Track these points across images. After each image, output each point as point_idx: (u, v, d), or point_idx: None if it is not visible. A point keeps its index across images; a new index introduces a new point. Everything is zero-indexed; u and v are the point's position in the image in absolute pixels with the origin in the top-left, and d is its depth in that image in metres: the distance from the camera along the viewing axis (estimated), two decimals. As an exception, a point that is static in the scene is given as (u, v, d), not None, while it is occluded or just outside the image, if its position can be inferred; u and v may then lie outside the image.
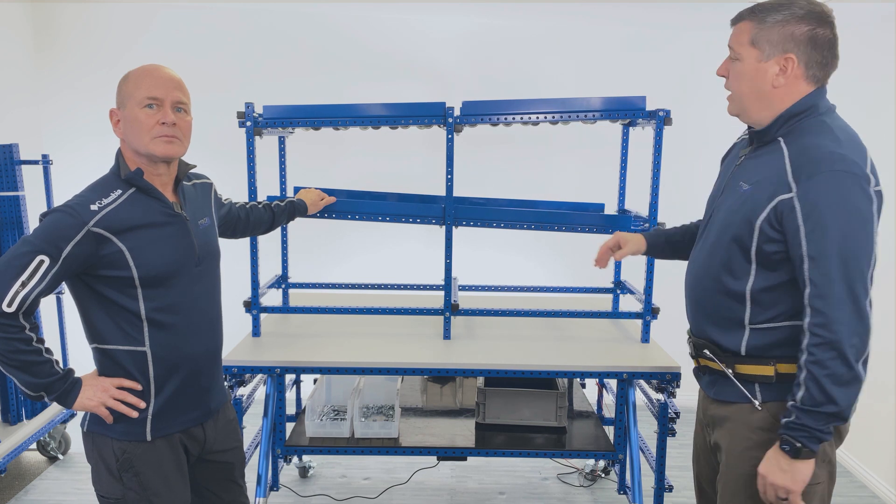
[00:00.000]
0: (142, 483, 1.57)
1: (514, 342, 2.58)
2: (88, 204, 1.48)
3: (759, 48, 1.48)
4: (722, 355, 1.60)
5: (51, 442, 3.29)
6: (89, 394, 1.51)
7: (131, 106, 1.53)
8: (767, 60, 1.48)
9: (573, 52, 3.84)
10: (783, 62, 1.47)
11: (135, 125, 1.52)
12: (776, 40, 1.47)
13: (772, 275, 1.50)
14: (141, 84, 1.53)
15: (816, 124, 1.48)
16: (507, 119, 2.41)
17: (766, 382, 1.54)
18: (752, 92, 1.52)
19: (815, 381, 1.39)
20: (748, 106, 1.54)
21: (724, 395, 1.62)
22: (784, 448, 1.43)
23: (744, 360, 1.56)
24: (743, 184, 1.54)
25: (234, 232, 2.08)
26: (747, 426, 1.56)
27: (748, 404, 1.56)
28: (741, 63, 1.51)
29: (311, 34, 3.78)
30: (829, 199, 1.38)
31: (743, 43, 1.50)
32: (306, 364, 2.36)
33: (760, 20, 1.48)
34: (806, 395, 1.40)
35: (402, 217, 2.50)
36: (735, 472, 1.59)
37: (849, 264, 1.39)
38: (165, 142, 1.54)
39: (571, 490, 3.13)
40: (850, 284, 1.40)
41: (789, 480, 1.44)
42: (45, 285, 1.43)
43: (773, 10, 1.47)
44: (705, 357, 1.64)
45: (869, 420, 3.25)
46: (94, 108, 3.72)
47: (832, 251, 1.38)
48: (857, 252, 1.39)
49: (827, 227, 1.38)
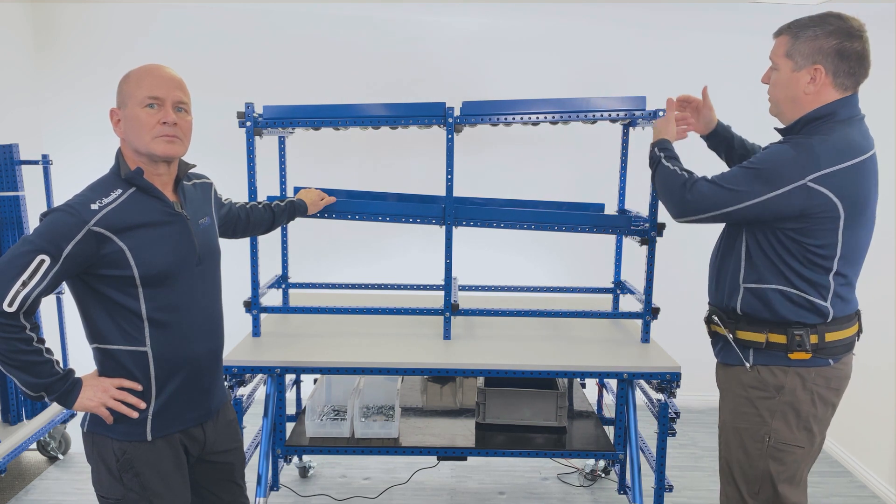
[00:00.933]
0: (142, 483, 1.57)
1: (514, 342, 2.58)
2: (89, 203, 1.48)
3: (792, 60, 1.73)
4: (726, 321, 1.86)
5: (51, 442, 3.29)
6: (89, 394, 1.51)
7: (132, 105, 1.53)
8: (799, 70, 1.72)
9: (573, 52, 3.84)
10: (812, 72, 1.70)
11: (135, 124, 1.53)
12: (807, 53, 1.70)
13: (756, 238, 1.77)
14: (142, 83, 1.53)
15: (827, 129, 1.70)
16: (507, 119, 2.41)
17: (758, 348, 1.80)
18: (787, 97, 1.76)
19: (668, 170, 1.89)
20: (784, 109, 1.79)
21: (727, 358, 1.90)
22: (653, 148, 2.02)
23: (744, 327, 1.81)
24: None
25: (235, 232, 2.08)
26: (739, 384, 1.84)
27: (741, 366, 1.84)
28: (778, 72, 1.76)
29: (312, 34, 3.78)
30: (768, 154, 1.71)
31: (780, 55, 1.75)
32: (306, 364, 2.36)
33: (795, 35, 1.72)
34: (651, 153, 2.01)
35: (402, 217, 2.50)
36: (729, 426, 1.87)
37: (727, 188, 1.73)
38: (166, 141, 1.54)
39: (571, 490, 3.13)
40: (716, 192, 1.75)
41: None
42: (45, 285, 1.43)
43: (806, 27, 1.71)
44: (714, 322, 1.91)
45: (869, 420, 3.25)
46: (94, 108, 3.72)
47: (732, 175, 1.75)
48: (736, 188, 1.72)
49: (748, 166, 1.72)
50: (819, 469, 3.40)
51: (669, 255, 3.24)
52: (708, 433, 3.77)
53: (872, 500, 3.13)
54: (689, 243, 3.25)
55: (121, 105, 1.55)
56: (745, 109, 3.00)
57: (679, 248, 3.40)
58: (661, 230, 2.44)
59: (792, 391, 1.77)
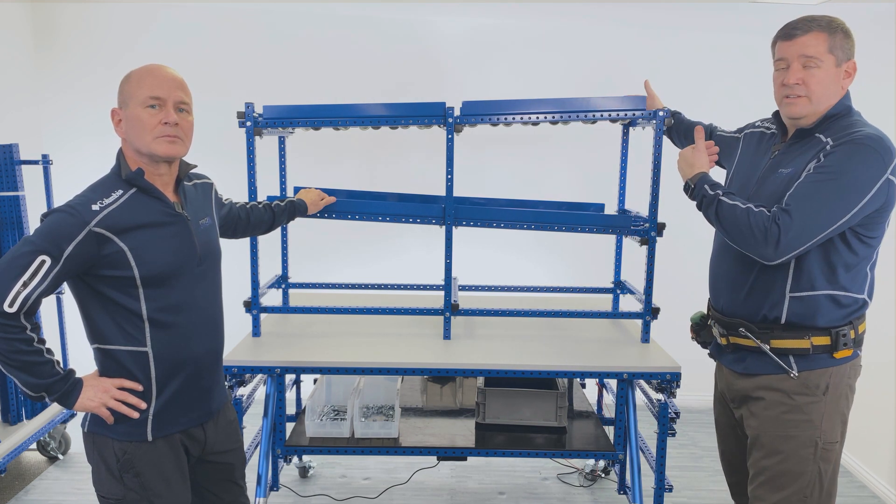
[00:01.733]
0: (142, 483, 1.57)
1: (514, 342, 2.58)
2: (90, 204, 1.48)
3: (835, 55, 1.68)
4: (758, 331, 1.77)
5: (51, 442, 3.29)
6: (90, 394, 1.51)
7: (133, 105, 1.53)
8: (840, 66, 1.70)
9: (573, 51, 3.84)
10: (850, 67, 1.70)
11: (137, 125, 1.52)
12: (845, 48, 1.69)
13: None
14: (143, 84, 1.53)
15: (857, 121, 1.71)
16: (507, 119, 2.41)
17: (801, 354, 1.73)
18: (828, 94, 1.70)
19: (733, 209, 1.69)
20: (821, 108, 1.71)
21: (756, 368, 1.80)
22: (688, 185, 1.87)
23: (781, 335, 1.74)
24: (782, 170, 1.74)
25: (235, 232, 2.09)
26: (783, 393, 1.76)
27: (782, 374, 1.75)
28: (822, 69, 1.68)
29: (312, 34, 3.78)
30: (845, 155, 1.60)
31: (822, 51, 1.68)
32: (306, 364, 2.36)
33: (830, 31, 1.67)
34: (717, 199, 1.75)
35: (402, 217, 2.50)
36: (772, 435, 1.77)
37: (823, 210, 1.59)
38: (168, 142, 1.54)
39: (571, 490, 3.13)
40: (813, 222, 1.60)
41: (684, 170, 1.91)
42: (46, 286, 1.43)
43: (832, 21, 1.69)
44: (739, 335, 1.82)
45: (869, 420, 3.25)
46: (93, 108, 3.72)
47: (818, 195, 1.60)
48: (833, 206, 1.60)
49: (829, 176, 1.60)
50: (819, 469, 3.40)
51: (669, 255, 3.23)
52: (707, 433, 3.77)
53: (872, 500, 3.13)
54: (689, 243, 3.25)
55: (122, 105, 1.55)
56: (745, 108, 2.99)
57: (679, 248, 3.40)
58: (661, 230, 2.44)
59: (836, 389, 1.75)
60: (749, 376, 1.83)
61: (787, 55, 1.72)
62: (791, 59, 1.71)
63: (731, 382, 1.90)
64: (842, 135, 1.65)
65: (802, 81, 1.70)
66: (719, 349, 1.94)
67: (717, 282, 1.93)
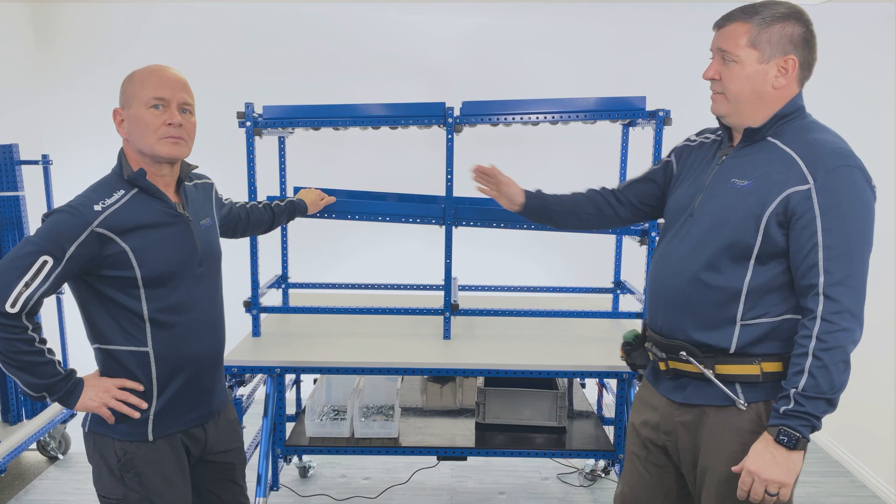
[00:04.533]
0: (143, 483, 1.57)
1: (514, 342, 2.58)
2: (92, 204, 1.48)
3: (759, 49, 1.48)
4: (702, 356, 1.55)
5: (51, 442, 3.29)
6: (91, 394, 1.51)
7: (137, 106, 1.52)
8: (768, 62, 1.48)
9: (573, 52, 3.84)
10: (783, 63, 1.48)
11: (140, 125, 1.52)
12: (776, 41, 1.47)
13: (766, 269, 1.49)
14: (147, 84, 1.52)
15: (810, 123, 1.53)
16: (507, 119, 2.41)
17: (749, 382, 1.52)
18: (752, 93, 1.51)
19: (824, 368, 1.37)
20: (743, 108, 1.53)
21: (697, 398, 1.58)
22: (782, 440, 1.39)
23: (727, 360, 1.53)
24: (737, 181, 1.52)
25: (235, 232, 2.09)
26: (730, 429, 1.53)
27: (729, 407, 1.53)
28: (739, 65, 1.50)
29: (311, 34, 3.78)
30: (848, 192, 1.40)
31: (741, 45, 1.49)
32: (306, 364, 2.36)
33: (758, 22, 1.47)
34: (811, 382, 1.38)
35: (402, 217, 2.50)
36: (723, 476, 1.54)
37: (862, 257, 1.41)
38: (171, 143, 1.54)
39: (571, 490, 3.13)
40: (863, 276, 1.42)
41: (784, 473, 1.40)
42: (48, 286, 1.43)
43: (766, 11, 1.47)
44: (680, 360, 1.59)
45: (869, 420, 3.25)
46: (94, 107, 3.72)
47: (851, 243, 1.40)
48: (866, 247, 1.42)
49: (846, 219, 1.39)
50: (819, 469, 3.41)
51: (669, 255, 3.23)
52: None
53: (872, 500, 3.13)
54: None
55: (124, 105, 1.55)
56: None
57: (679, 248, 3.40)
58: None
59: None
60: (689, 407, 1.60)
61: (712, 47, 1.56)
62: (713, 51, 1.55)
63: (669, 413, 1.65)
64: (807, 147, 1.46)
65: (719, 77, 1.53)
66: (656, 374, 1.70)
67: (656, 298, 1.68)
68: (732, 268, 1.51)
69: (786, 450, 1.39)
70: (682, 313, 1.59)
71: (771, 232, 1.46)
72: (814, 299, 1.40)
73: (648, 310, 1.73)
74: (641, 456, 1.75)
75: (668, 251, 1.65)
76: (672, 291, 1.61)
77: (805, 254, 1.42)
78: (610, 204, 1.93)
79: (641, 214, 1.93)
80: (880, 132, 3.19)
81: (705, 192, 1.59)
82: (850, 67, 3.49)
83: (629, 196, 1.91)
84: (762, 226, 1.46)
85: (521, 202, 1.97)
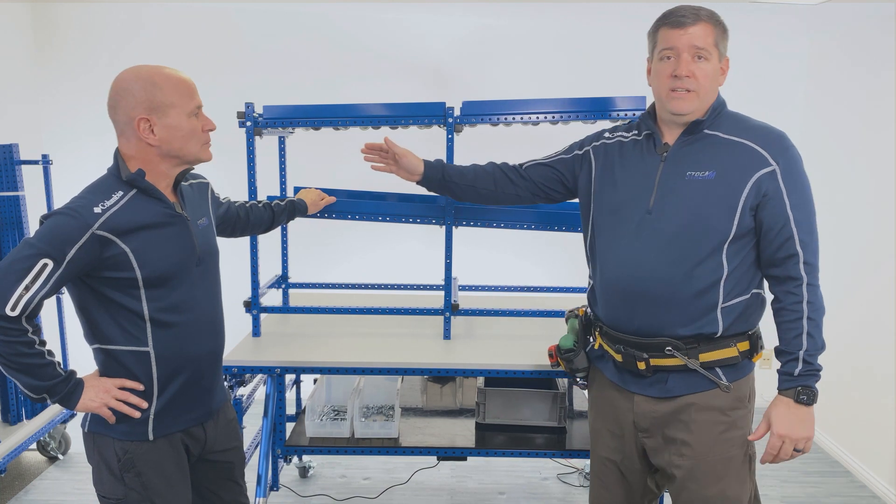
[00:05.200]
0: (143, 483, 1.57)
1: (514, 342, 2.58)
2: (91, 206, 1.47)
3: (718, 49, 1.61)
4: (686, 349, 1.61)
5: (51, 442, 3.29)
6: (91, 395, 1.51)
7: (176, 115, 1.53)
8: (720, 62, 1.62)
9: (573, 51, 3.84)
10: (725, 64, 1.64)
11: (184, 133, 1.55)
12: (724, 44, 1.63)
13: (737, 252, 1.59)
14: (182, 92, 1.54)
15: (734, 113, 1.69)
16: (507, 119, 2.41)
17: (729, 364, 1.62)
18: (713, 90, 1.64)
19: (817, 327, 1.53)
20: (705, 103, 1.63)
21: (679, 389, 1.64)
22: (802, 399, 1.53)
23: (709, 347, 1.61)
24: (694, 173, 1.60)
25: (234, 231, 2.08)
26: (718, 410, 1.62)
27: (711, 391, 1.63)
28: (709, 63, 1.59)
29: (311, 34, 3.78)
30: (800, 169, 1.59)
31: (711, 44, 1.59)
32: (306, 364, 2.36)
33: (716, 24, 1.60)
34: (811, 342, 1.53)
35: (402, 217, 2.50)
36: (713, 460, 1.62)
37: (815, 224, 1.59)
38: (209, 147, 1.62)
39: (571, 490, 3.13)
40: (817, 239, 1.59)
41: (809, 428, 1.55)
42: (48, 289, 1.43)
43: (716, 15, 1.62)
44: (665, 355, 1.63)
45: (869, 420, 3.25)
46: (94, 107, 3.70)
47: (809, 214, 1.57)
48: (815, 214, 1.61)
49: (803, 193, 1.57)
50: (819, 469, 3.41)
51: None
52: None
53: (872, 500, 3.13)
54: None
55: (153, 112, 1.51)
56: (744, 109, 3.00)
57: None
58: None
59: (753, 394, 1.70)
60: (670, 399, 1.65)
61: (676, 45, 1.57)
62: (681, 49, 1.57)
63: (646, 409, 1.69)
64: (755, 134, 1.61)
65: (693, 74, 1.58)
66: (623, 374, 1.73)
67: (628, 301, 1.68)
68: (712, 258, 1.58)
69: (806, 407, 1.54)
70: (665, 312, 1.62)
71: (744, 217, 1.57)
72: (795, 268, 1.55)
73: (613, 312, 1.72)
74: (617, 461, 1.81)
75: (632, 252, 1.66)
76: (652, 292, 1.63)
77: (779, 229, 1.55)
78: (511, 180, 2.00)
79: (541, 196, 2.00)
80: (880, 132, 3.19)
81: (659, 189, 1.63)
82: (850, 67, 3.49)
83: (532, 175, 1.98)
84: (738, 212, 1.56)
85: (420, 171, 2.03)
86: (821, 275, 1.57)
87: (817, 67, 3.85)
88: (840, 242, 3.41)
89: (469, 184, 2.01)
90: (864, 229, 3.28)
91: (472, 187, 2.01)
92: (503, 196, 2.02)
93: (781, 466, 3.38)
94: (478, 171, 2.03)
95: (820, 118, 3.80)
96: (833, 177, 3.55)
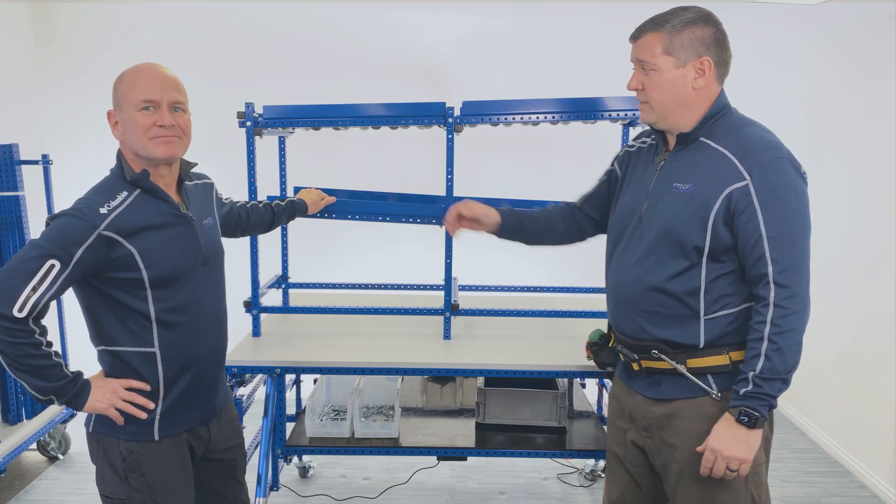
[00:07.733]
0: (148, 483, 1.57)
1: (514, 342, 2.58)
2: (97, 207, 1.47)
3: (674, 55, 1.54)
4: (673, 353, 1.61)
5: (51, 442, 3.29)
6: (99, 396, 1.51)
7: (128, 109, 1.51)
8: (685, 66, 1.55)
9: (573, 51, 3.84)
10: (699, 65, 1.55)
11: (133, 128, 1.51)
12: (689, 45, 1.54)
13: (720, 266, 1.55)
14: (137, 86, 1.51)
15: (737, 119, 1.61)
16: (507, 119, 2.41)
17: (720, 372, 1.59)
18: (674, 98, 1.57)
19: (779, 350, 1.46)
20: (669, 113, 1.59)
21: (671, 392, 1.64)
22: (742, 420, 1.49)
23: (698, 354, 1.59)
24: (679, 185, 1.59)
25: (235, 231, 2.09)
26: (704, 419, 1.59)
27: (702, 398, 1.60)
28: (658, 73, 1.56)
29: (311, 34, 3.78)
30: (782, 183, 1.49)
31: (656, 54, 1.55)
32: (306, 364, 2.36)
33: (668, 29, 1.54)
34: (767, 365, 1.47)
35: (402, 217, 2.50)
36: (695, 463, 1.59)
37: (803, 242, 1.50)
38: (164, 142, 1.52)
39: (571, 490, 3.13)
40: (805, 259, 1.51)
41: (744, 451, 1.50)
42: (55, 290, 1.42)
43: (674, 19, 1.54)
44: (652, 358, 1.65)
45: (869, 420, 3.25)
46: (94, 106, 3.71)
47: (790, 230, 1.48)
48: (805, 231, 1.51)
49: (784, 209, 1.48)
50: (819, 469, 3.41)
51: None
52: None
53: (872, 500, 3.13)
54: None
55: (117, 107, 1.53)
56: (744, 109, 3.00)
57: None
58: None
59: None
60: (664, 402, 1.65)
61: (631, 58, 1.63)
62: (633, 62, 1.62)
63: (645, 409, 1.70)
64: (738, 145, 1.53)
65: (641, 87, 1.60)
66: (629, 372, 1.75)
67: (618, 304, 1.72)
68: (687, 269, 1.57)
69: (746, 428, 1.49)
70: (643, 317, 1.65)
71: (718, 231, 1.53)
72: (765, 287, 1.49)
73: (611, 314, 1.78)
74: (620, 455, 1.82)
75: (623, 258, 1.71)
76: (632, 298, 1.67)
77: (751, 246, 1.49)
78: (577, 221, 2.00)
79: (602, 226, 1.98)
80: (880, 132, 3.19)
81: (650, 197, 1.65)
82: (850, 67, 3.50)
83: (587, 210, 1.99)
84: (709, 226, 1.53)
85: (497, 221, 2.01)
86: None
87: (817, 67, 3.85)
88: (840, 242, 3.41)
89: (543, 227, 2.00)
90: (864, 229, 3.28)
91: (549, 229, 1.99)
92: (575, 235, 2.03)
93: (781, 467, 3.38)
94: (549, 215, 2.02)
95: (820, 118, 3.80)
96: (833, 177, 3.55)
